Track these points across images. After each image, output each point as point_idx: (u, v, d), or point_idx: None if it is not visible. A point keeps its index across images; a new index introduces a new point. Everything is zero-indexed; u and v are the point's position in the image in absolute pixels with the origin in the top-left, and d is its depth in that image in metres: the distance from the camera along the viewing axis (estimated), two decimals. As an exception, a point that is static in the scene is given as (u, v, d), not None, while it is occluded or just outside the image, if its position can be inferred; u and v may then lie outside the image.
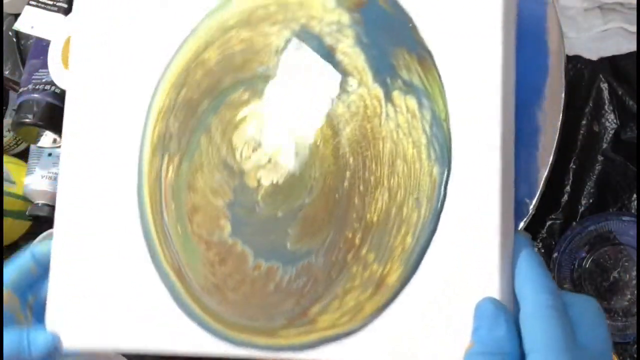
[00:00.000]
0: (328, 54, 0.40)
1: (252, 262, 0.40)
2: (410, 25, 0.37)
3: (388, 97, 0.37)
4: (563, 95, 0.39)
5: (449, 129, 0.35)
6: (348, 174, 0.38)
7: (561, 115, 0.39)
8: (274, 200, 0.40)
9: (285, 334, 0.39)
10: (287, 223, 0.40)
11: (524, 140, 0.38)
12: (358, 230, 0.37)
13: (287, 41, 0.41)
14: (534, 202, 0.40)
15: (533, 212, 0.40)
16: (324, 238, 0.38)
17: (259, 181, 0.41)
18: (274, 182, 0.40)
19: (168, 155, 0.44)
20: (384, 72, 0.38)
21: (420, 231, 0.36)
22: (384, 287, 0.36)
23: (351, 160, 0.38)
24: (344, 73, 0.39)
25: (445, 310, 0.34)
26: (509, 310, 0.33)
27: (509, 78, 0.35)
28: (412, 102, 0.37)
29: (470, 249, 0.34)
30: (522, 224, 0.40)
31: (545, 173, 0.39)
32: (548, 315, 0.31)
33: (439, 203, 0.35)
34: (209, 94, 0.43)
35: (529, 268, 0.33)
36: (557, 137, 0.38)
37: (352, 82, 0.39)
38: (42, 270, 0.47)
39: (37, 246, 0.47)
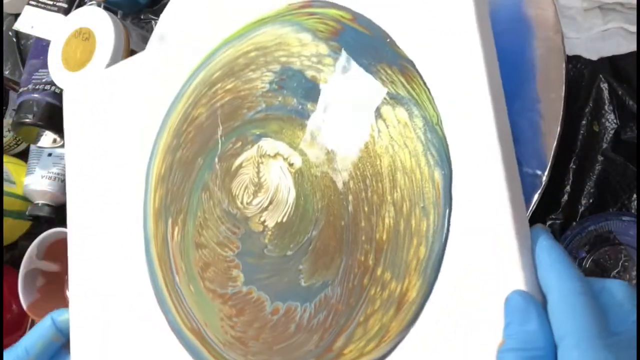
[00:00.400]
0: (313, 86, 0.40)
1: (270, 306, 0.39)
2: (388, 40, 0.37)
3: (377, 114, 0.37)
4: (564, 65, 0.38)
5: (443, 132, 0.35)
6: (350, 197, 0.38)
7: (564, 86, 0.38)
8: (282, 240, 0.40)
9: None
10: (299, 260, 0.39)
11: (525, 115, 0.37)
12: (370, 252, 0.36)
13: (270, 83, 0.41)
14: (546, 172, 0.39)
15: (546, 183, 0.39)
16: (337, 267, 0.38)
17: (263, 224, 0.41)
18: (279, 221, 0.40)
19: (172, 219, 0.44)
20: None
21: (433, 239, 0.34)
22: (406, 304, 0.35)
23: (351, 183, 0.38)
24: None
25: (472, 313, 0.33)
26: (538, 301, 0.31)
27: (493, 67, 0.35)
28: (402, 113, 0.36)
29: (486, 247, 0.33)
30: (536, 197, 0.39)
31: (554, 143, 0.37)
32: (577, 302, 0.29)
33: (446, 206, 0.34)
34: (202, 150, 0.43)
35: (551, 257, 0.31)
36: (562, 106, 0.38)
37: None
38: (64, 339, 0.47)
39: (57, 314, 0.47)
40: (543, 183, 0.40)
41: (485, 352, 0.32)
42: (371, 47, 0.38)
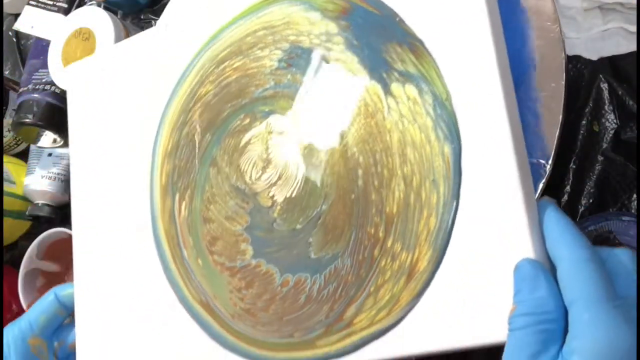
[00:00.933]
0: (322, 64, 0.40)
1: (279, 279, 0.40)
2: (397, 19, 0.38)
3: (387, 91, 0.38)
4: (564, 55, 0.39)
5: (452, 107, 0.36)
6: (360, 172, 0.38)
7: (564, 74, 0.38)
8: (291, 215, 0.40)
9: (324, 342, 0.38)
10: (308, 233, 0.39)
11: (527, 105, 0.38)
12: (380, 224, 0.37)
13: (279, 61, 0.42)
14: (549, 162, 0.40)
15: (550, 172, 0.40)
16: (347, 239, 0.38)
17: (272, 199, 0.41)
18: (288, 196, 0.41)
19: (179, 194, 0.44)
20: (379, 69, 0.38)
21: (443, 210, 0.35)
22: (416, 274, 0.36)
23: (361, 158, 0.38)
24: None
25: (482, 281, 0.34)
26: (546, 269, 0.32)
27: (501, 44, 0.36)
28: (412, 90, 0.37)
29: (495, 217, 0.34)
30: (541, 185, 0.40)
31: (557, 132, 0.38)
32: (586, 269, 0.31)
33: (456, 179, 0.35)
34: (210, 127, 0.44)
35: (559, 227, 0.33)
36: (563, 94, 0.38)
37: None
38: (67, 313, 0.47)
39: (60, 289, 0.47)
40: (547, 172, 0.40)
41: (496, 318, 0.33)
42: (380, 26, 0.39)
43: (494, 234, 0.34)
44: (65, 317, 0.48)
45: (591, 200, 0.54)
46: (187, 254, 0.43)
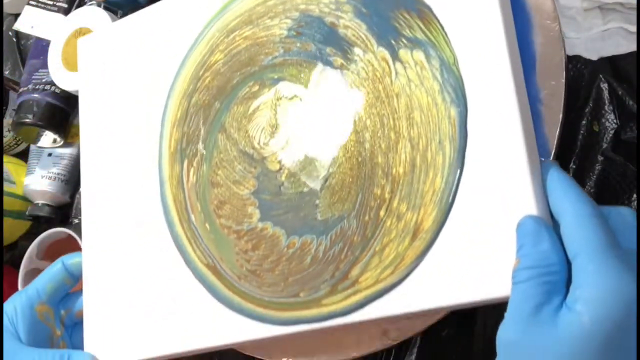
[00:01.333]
0: (331, 31, 0.41)
1: (285, 241, 0.41)
2: None
3: (395, 56, 0.39)
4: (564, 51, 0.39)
5: (459, 72, 0.37)
6: (368, 135, 0.39)
7: (564, 72, 0.39)
8: (299, 178, 0.41)
9: (329, 301, 0.39)
10: (315, 196, 0.40)
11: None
12: (386, 185, 0.38)
13: (289, 29, 0.43)
14: (550, 159, 0.40)
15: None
16: (353, 201, 0.39)
17: (280, 163, 0.42)
18: (295, 160, 0.42)
19: (187, 160, 0.45)
20: (387, 35, 0.39)
21: (449, 171, 0.36)
22: (421, 233, 0.37)
23: (368, 122, 0.39)
24: (349, 44, 0.41)
25: (485, 239, 0.35)
26: (549, 225, 0.33)
27: (507, 10, 0.37)
28: (420, 55, 0.38)
29: (499, 177, 0.35)
30: None
31: (557, 131, 0.39)
32: (589, 223, 0.31)
33: (462, 141, 0.36)
34: (220, 94, 0.45)
35: (563, 185, 0.33)
36: (564, 93, 0.38)
37: (358, 51, 0.40)
38: (74, 282, 0.48)
39: (68, 258, 0.48)
40: None
41: (500, 274, 0.34)
42: None
43: (497, 193, 0.35)
44: (72, 286, 0.48)
45: (591, 200, 0.53)
46: (194, 218, 0.44)
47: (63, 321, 0.48)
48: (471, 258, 0.35)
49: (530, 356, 0.30)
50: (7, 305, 0.46)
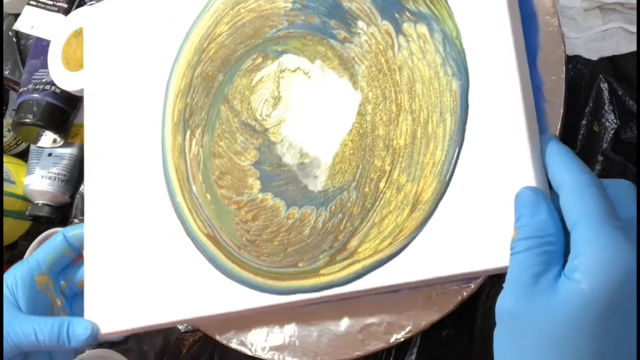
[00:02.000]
0: (335, 4, 0.42)
1: (285, 212, 0.41)
2: None
3: (398, 30, 0.39)
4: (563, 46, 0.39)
5: (462, 45, 0.37)
6: (369, 108, 0.40)
7: (564, 67, 0.39)
8: (300, 149, 0.42)
9: (328, 271, 0.39)
10: (316, 167, 0.41)
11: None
12: (387, 157, 0.39)
13: (294, 2, 0.43)
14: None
15: None
16: (353, 173, 0.40)
17: (282, 135, 0.42)
18: (297, 132, 0.42)
19: (190, 131, 0.45)
20: (392, 9, 0.40)
21: (449, 143, 0.37)
22: (420, 204, 0.37)
23: (370, 94, 0.40)
24: (353, 17, 0.41)
25: (484, 211, 0.35)
26: (547, 195, 0.33)
27: None
28: (423, 29, 0.39)
29: (499, 149, 0.35)
30: None
31: (559, 125, 0.39)
32: (588, 192, 0.31)
33: (463, 113, 0.37)
34: (223, 66, 0.45)
35: (561, 156, 0.34)
36: (564, 87, 0.38)
37: (362, 24, 0.41)
38: (75, 254, 0.48)
39: (69, 230, 0.48)
40: None
41: (498, 245, 0.34)
42: None
43: (497, 166, 0.35)
44: (72, 258, 0.48)
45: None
46: (195, 189, 0.45)
47: (63, 292, 0.48)
48: (470, 229, 0.35)
49: (529, 325, 0.30)
50: (8, 275, 0.46)
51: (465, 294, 0.39)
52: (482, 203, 0.35)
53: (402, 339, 0.41)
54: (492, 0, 0.36)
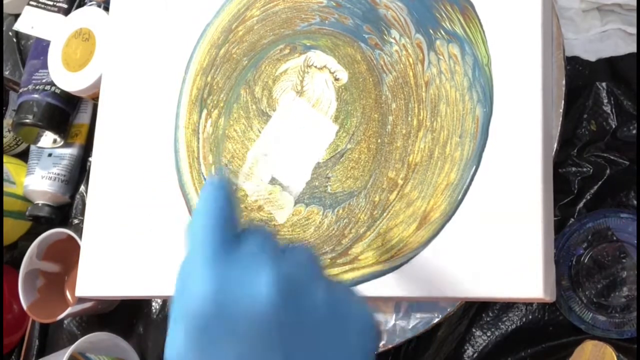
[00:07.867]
0: (372, 9, 0.42)
1: (292, 207, 0.41)
2: None
3: (431, 46, 0.39)
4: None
5: (491, 73, 0.37)
6: (390, 118, 0.40)
7: (563, 102, 0.39)
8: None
9: (327, 273, 0.39)
10: (329, 168, 0.41)
11: None
12: (401, 170, 0.39)
13: None
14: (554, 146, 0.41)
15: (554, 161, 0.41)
16: (366, 180, 0.40)
17: None
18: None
19: (206, 111, 0.45)
20: (427, 24, 0.40)
21: (465, 167, 0.37)
22: (427, 223, 0.37)
23: (394, 105, 0.40)
24: (387, 25, 0.41)
25: (487, 241, 0.35)
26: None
27: (547, 22, 0.37)
28: (455, 49, 0.39)
29: (511, 184, 0.36)
30: None
31: (559, 125, 0.40)
32: None
33: (482, 141, 0.37)
34: (250, 50, 0.45)
35: None
36: (561, 114, 0.39)
37: (395, 34, 0.41)
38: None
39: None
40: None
41: (496, 274, 0.35)
42: None
43: (507, 200, 0.35)
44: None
45: (589, 198, 0.54)
46: (204, 169, 0.45)
47: None
48: (472, 255, 0.36)
49: None
50: None
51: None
52: (487, 234, 0.36)
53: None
54: (527, 36, 0.37)
